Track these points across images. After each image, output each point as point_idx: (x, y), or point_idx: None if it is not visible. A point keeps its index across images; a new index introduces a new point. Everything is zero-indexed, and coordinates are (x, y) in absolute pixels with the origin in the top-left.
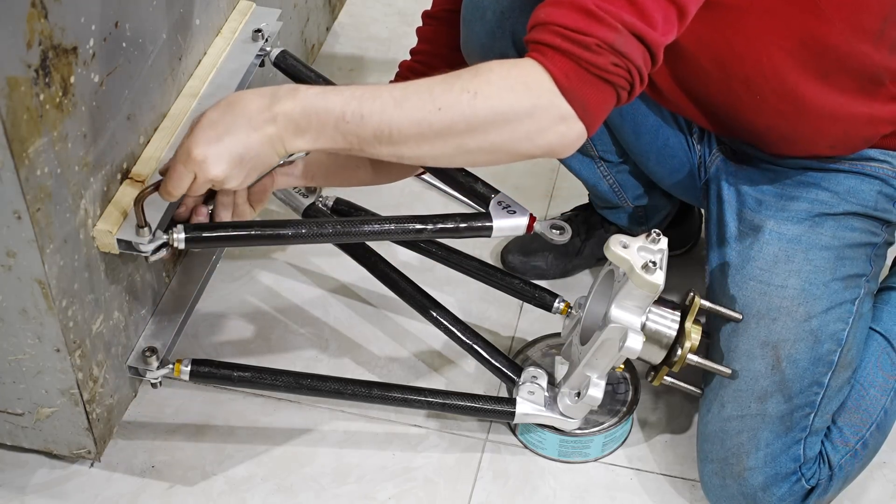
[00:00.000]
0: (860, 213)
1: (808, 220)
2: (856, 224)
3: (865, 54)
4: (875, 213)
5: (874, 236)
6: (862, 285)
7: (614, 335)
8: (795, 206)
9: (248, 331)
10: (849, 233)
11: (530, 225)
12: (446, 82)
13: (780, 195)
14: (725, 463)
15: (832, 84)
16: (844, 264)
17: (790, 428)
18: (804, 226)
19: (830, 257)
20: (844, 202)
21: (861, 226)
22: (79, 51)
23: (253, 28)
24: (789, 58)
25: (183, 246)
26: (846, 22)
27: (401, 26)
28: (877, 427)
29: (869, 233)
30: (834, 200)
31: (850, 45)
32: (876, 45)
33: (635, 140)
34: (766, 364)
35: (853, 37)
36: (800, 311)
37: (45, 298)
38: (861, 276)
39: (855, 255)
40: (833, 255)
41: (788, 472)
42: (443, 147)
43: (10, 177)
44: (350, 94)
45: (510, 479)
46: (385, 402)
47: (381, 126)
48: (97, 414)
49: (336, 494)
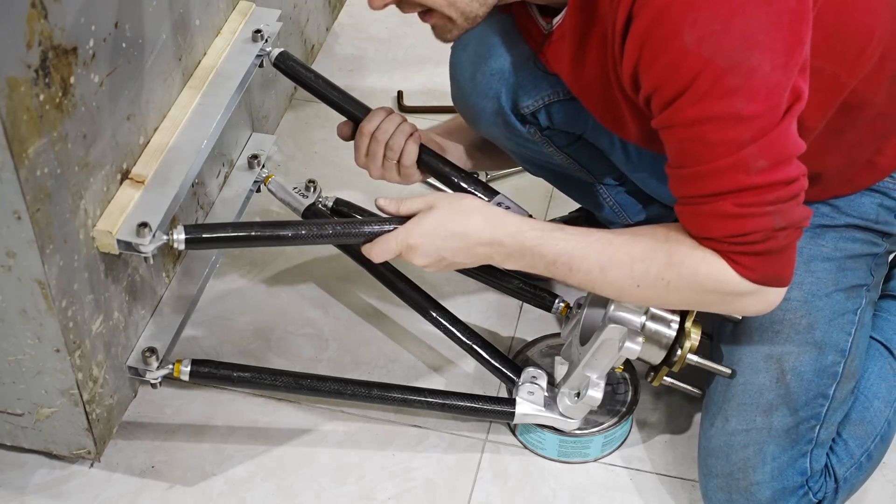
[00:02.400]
0: (861, 226)
1: (809, 232)
2: (857, 235)
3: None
4: (876, 225)
5: (875, 247)
6: (863, 295)
7: (614, 335)
8: None
9: (248, 331)
10: (850, 244)
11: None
12: (643, 263)
13: None
14: (731, 478)
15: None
16: (846, 275)
17: (796, 441)
18: (805, 237)
19: (832, 268)
20: (845, 215)
21: (862, 237)
22: (79, 51)
23: (253, 28)
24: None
25: (183, 247)
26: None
27: (401, 26)
28: (881, 439)
29: (870, 244)
30: (835, 213)
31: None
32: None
33: (632, 167)
34: (770, 377)
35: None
36: (803, 323)
37: (45, 299)
38: (862, 286)
39: (856, 266)
40: (834, 266)
41: (796, 485)
42: (640, 303)
43: (10, 177)
44: (563, 245)
45: (510, 480)
46: (385, 402)
47: (586, 282)
48: (97, 414)
49: (336, 494)
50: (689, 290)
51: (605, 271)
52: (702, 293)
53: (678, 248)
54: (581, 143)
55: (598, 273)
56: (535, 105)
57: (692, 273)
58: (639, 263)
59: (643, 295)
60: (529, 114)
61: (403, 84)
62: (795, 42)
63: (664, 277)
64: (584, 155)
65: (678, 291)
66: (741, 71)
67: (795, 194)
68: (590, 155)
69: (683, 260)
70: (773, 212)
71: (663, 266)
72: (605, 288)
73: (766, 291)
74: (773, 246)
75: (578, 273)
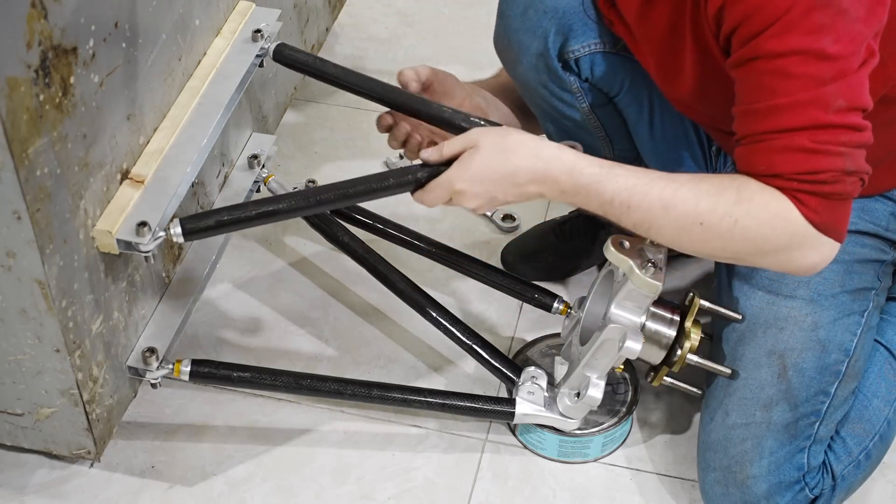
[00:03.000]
0: (871, 233)
1: None
2: (866, 241)
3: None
4: (886, 233)
5: (883, 254)
6: (871, 298)
7: (614, 335)
8: None
9: (248, 331)
10: (859, 248)
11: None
12: (712, 198)
13: None
14: (728, 471)
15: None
16: (853, 278)
17: (795, 436)
18: None
19: (839, 270)
20: (857, 220)
21: (871, 244)
22: (79, 51)
23: (253, 28)
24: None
25: (182, 240)
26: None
27: (400, 27)
28: (880, 438)
29: (878, 250)
30: None
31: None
32: None
33: (653, 145)
34: (772, 373)
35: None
36: (807, 321)
37: (45, 299)
38: (870, 289)
39: (864, 270)
40: (842, 268)
41: (792, 480)
42: (691, 248)
43: (10, 177)
44: (624, 181)
45: (510, 480)
46: (385, 402)
47: (643, 222)
48: (97, 414)
49: (336, 494)
50: (755, 232)
51: (667, 209)
52: (765, 238)
53: (747, 186)
54: (611, 107)
55: (659, 210)
56: (581, 51)
57: (762, 210)
58: (705, 199)
59: (704, 236)
60: (573, 60)
61: None
62: (878, 2)
63: (732, 215)
64: (609, 121)
65: (743, 232)
66: (831, 11)
67: (865, 143)
68: (615, 124)
69: (753, 196)
70: (846, 153)
71: (732, 203)
72: (664, 228)
73: (824, 242)
74: (840, 189)
75: (637, 212)
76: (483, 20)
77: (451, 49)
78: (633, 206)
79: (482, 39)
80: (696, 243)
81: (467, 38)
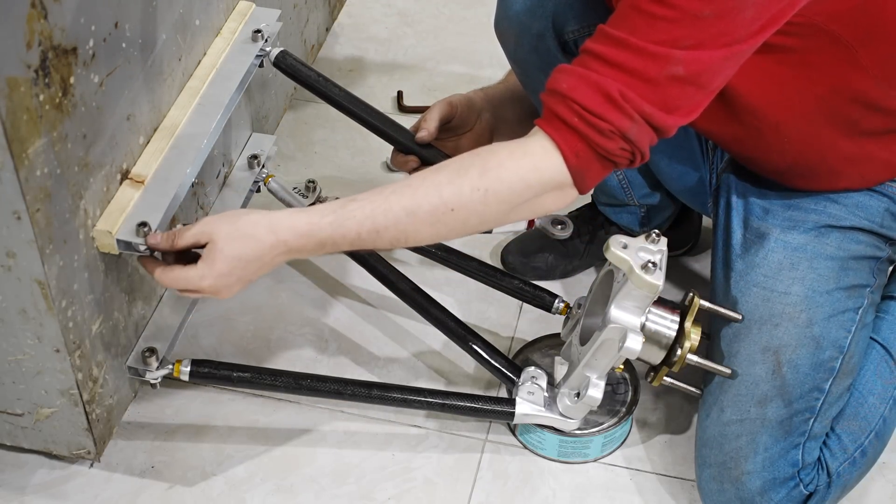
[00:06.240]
0: (866, 229)
1: (815, 231)
2: (861, 238)
3: (893, 100)
4: (881, 230)
5: (878, 251)
6: (865, 296)
7: (614, 335)
8: (802, 217)
9: (248, 331)
10: (854, 245)
11: (531, 221)
12: (453, 184)
13: (788, 206)
14: (723, 467)
15: (855, 130)
16: (848, 275)
17: (789, 432)
18: (810, 235)
19: (835, 267)
20: (852, 216)
21: (866, 240)
22: (79, 51)
23: (253, 28)
24: (821, 103)
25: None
26: (880, 69)
27: (400, 27)
28: (875, 435)
29: (873, 247)
30: (842, 213)
31: (879, 92)
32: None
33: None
34: (766, 369)
35: (883, 84)
36: (802, 318)
37: (45, 299)
38: (865, 286)
39: (859, 267)
40: (837, 265)
41: (786, 476)
42: (455, 234)
43: (9, 177)
44: (361, 213)
45: (510, 480)
46: (385, 402)
47: (398, 236)
48: (97, 414)
49: (336, 495)
50: (507, 193)
51: (413, 213)
52: (518, 194)
53: (494, 156)
54: None
55: (406, 219)
56: (581, 32)
57: (512, 172)
58: (447, 187)
59: (461, 218)
60: (573, 41)
61: (403, 84)
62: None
63: (479, 187)
64: None
65: (496, 197)
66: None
67: (662, 128)
68: None
69: (504, 161)
70: (637, 123)
71: (477, 176)
72: (419, 232)
73: (569, 190)
74: (608, 146)
75: (388, 231)
76: (483, 20)
77: (451, 49)
78: (381, 229)
79: (482, 39)
80: (455, 229)
81: (467, 38)
